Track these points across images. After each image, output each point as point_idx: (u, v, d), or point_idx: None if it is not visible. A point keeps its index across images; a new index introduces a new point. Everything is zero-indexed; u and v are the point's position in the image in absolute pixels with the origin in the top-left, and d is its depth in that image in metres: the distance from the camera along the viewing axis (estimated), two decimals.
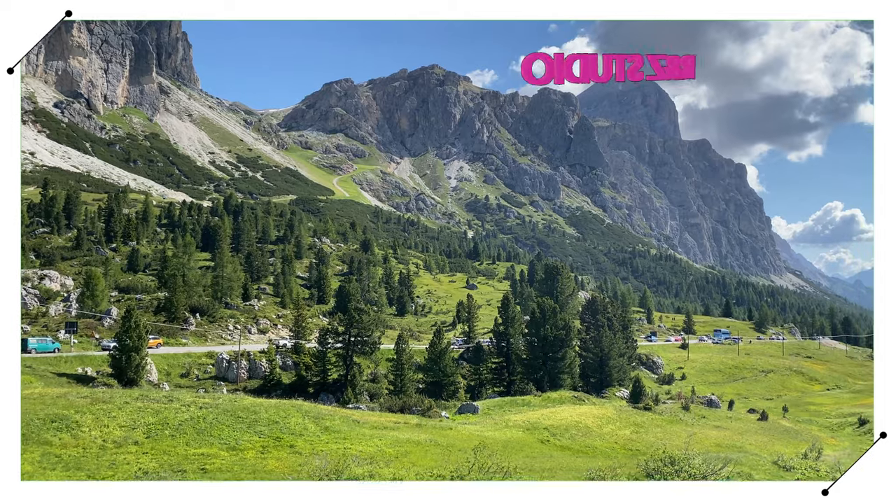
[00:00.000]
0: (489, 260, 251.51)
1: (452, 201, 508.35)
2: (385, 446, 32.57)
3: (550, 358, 77.27)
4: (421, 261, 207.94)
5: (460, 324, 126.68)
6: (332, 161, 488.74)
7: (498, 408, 55.34)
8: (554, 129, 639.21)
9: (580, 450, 39.50)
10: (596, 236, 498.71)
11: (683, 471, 31.54)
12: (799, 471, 37.92)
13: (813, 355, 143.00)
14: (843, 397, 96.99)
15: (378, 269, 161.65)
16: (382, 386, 76.05)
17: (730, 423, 58.80)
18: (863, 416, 72.07)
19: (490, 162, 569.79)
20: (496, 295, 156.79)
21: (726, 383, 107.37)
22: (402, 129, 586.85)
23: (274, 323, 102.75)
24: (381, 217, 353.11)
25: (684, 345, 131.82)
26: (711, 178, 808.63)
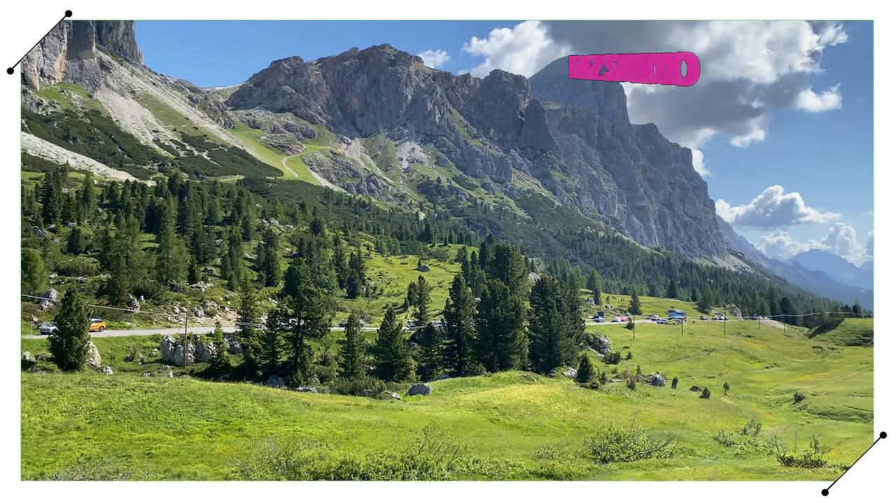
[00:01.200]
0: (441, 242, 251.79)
1: (404, 183, 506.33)
2: (335, 428, 32.54)
3: (501, 339, 78.08)
4: (372, 243, 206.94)
5: (412, 306, 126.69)
6: (280, 141, 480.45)
7: (449, 388, 55.76)
8: (505, 111, 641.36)
9: (529, 428, 40.17)
10: (546, 219, 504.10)
11: (629, 447, 32.45)
12: (738, 445, 39.41)
13: (753, 334, 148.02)
14: (780, 375, 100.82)
15: (328, 250, 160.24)
16: (333, 368, 75.73)
17: (673, 400, 60.54)
18: (798, 392, 75.21)
19: (442, 144, 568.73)
20: (448, 277, 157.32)
21: (670, 362, 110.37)
22: (353, 109, 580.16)
23: (221, 305, 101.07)
24: (331, 198, 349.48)
25: (630, 325, 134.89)
26: (658, 161, 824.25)
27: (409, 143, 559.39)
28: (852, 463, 31.85)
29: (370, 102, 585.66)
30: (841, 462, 31.57)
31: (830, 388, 79.58)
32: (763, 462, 32.70)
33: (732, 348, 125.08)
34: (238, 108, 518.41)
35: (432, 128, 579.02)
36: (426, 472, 24.24)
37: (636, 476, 26.82)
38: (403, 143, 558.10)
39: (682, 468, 29.09)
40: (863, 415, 60.70)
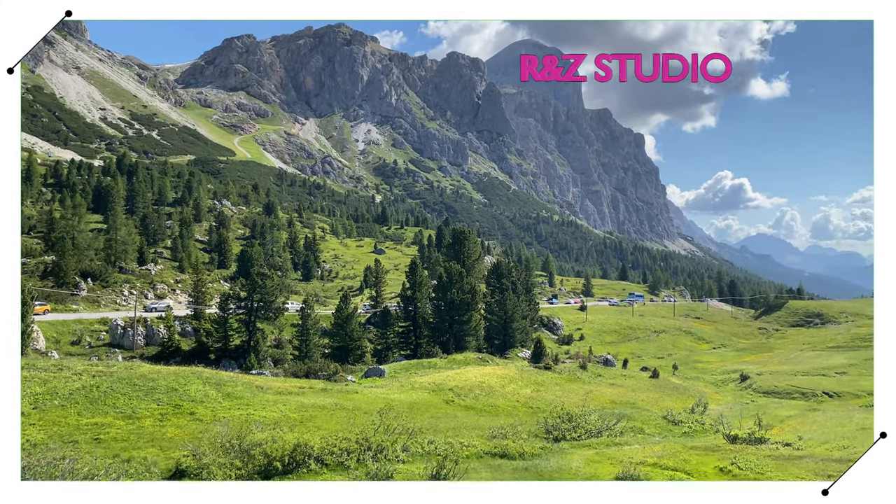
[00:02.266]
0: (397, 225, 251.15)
1: (360, 165, 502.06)
2: (289, 411, 32.33)
3: (456, 321, 78.44)
4: (327, 225, 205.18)
5: (368, 289, 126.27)
6: (233, 120, 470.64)
7: (404, 371, 55.84)
8: (462, 94, 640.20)
9: (483, 409, 40.56)
10: (502, 202, 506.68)
11: (580, 426, 33.09)
12: (686, 424, 40.53)
13: (701, 316, 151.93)
14: (727, 355, 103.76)
15: (282, 233, 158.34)
16: (287, 351, 75.12)
17: (624, 380, 61.80)
18: (744, 372, 77.51)
19: (398, 126, 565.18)
20: (404, 260, 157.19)
21: (621, 343, 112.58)
22: (308, 88, 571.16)
23: (172, 288, 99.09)
24: (285, 179, 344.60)
25: (583, 307, 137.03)
26: (612, 146, 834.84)
27: (365, 124, 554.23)
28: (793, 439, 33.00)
29: (325, 82, 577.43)
30: (783, 439, 32.78)
31: (774, 367, 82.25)
32: (710, 440, 33.72)
33: (681, 330, 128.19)
34: (189, 87, 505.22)
35: (389, 109, 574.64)
36: (381, 453, 24.34)
37: (587, 454, 27.39)
38: (359, 125, 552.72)
39: (631, 447, 29.81)
40: (804, 393, 62.96)
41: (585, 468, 24.88)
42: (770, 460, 27.20)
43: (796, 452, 29.55)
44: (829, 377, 72.16)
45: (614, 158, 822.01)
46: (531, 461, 25.72)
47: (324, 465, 22.92)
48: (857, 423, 37.00)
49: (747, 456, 27.56)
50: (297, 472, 22.16)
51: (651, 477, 23.35)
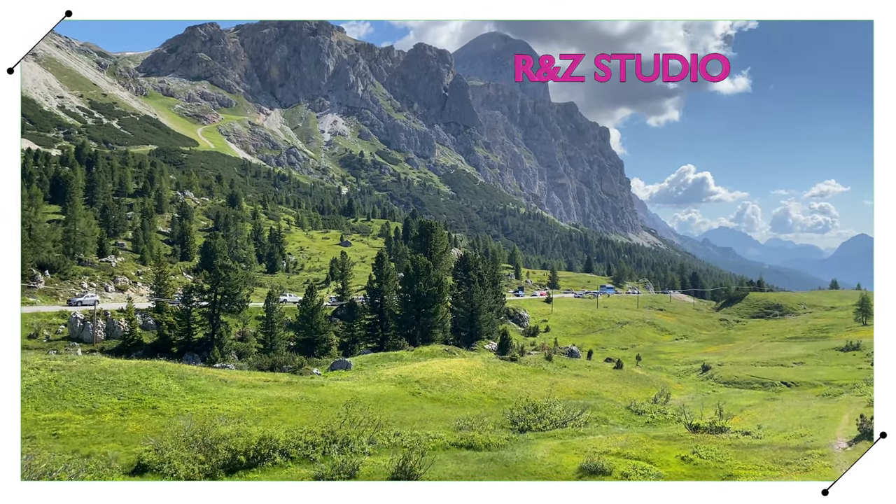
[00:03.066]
0: (364, 217, 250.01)
1: (326, 156, 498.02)
2: (254, 405, 32.03)
3: (423, 314, 78.47)
4: (293, 217, 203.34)
5: (334, 281, 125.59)
6: (196, 110, 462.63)
7: (371, 363, 55.68)
8: (429, 86, 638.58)
9: (450, 401, 40.68)
10: (469, 195, 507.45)
11: (546, 417, 33.39)
12: (649, 414, 41.14)
13: (664, 308, 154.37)
14: (689, 346, 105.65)
15: (247, 224, 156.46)
16: (252, 345, 74.38)
17: (588, 371, 62.50)
18: (705, 362, 79.04)
19: (365, 117, 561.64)
20: (371, 252, 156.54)
21: (586, 334, 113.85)
22: (273, 78, 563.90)
23: (133, 280, 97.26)
24: (249, 170, 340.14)
25: (549, 299, 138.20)
26: (578, 140, 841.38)
27: (331, 115, 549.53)
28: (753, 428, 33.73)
29: (290, 72, 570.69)
30: (743, 428, 33.51)
31: (735, 358, 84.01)
32: (672, 429, 34.30)
33: (645, 321, 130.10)
34: (150, 75, 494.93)
35: (355, 100, 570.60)
36: (347, 446, 24.27)
37: (552, 445, 27.67)
38: (325, 115, 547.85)
39: (595, 437, 30.20)
40: (763, 383, 64.45)
41: (550, 458, 25.13)
42: (730, 449, 27.79)
43: (755, 441, 30.24)
44: (788, 367, 73.97)
45: (580, 152, 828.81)
46: (497, 452, 25.89)
47: (289, 459, 22.78)
48: (814, 412, 37.98)
49: (708, 445, 28.12)
50: (261, 465, 21.99)
51: (615, 466, 23.69)
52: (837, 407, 39.91)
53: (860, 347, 79.12)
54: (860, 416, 30.12)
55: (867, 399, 41.02)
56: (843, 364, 72.98)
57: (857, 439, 28.08)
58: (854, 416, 31.98)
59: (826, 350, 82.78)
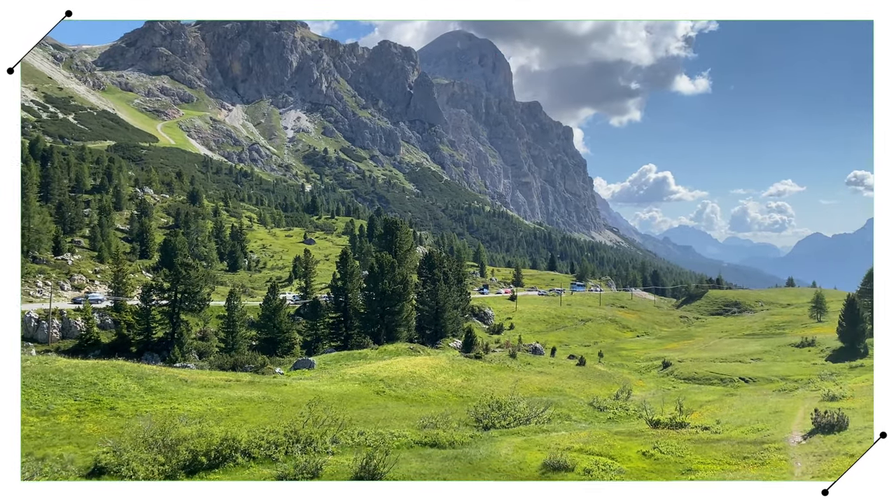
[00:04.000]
0: (328, 214, 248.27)
1: (289, 153, 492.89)
2: (215, 405, 31.59)
3: (388, 312, 78.22)
4: (255, 214, 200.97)
5: (297, 279, 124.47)
6: (155, 105, 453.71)
7: (334, 362, 55.34)
8: (394, 83, 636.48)
9: (414, 399, 40.64)
10: (434, 193, 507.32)
11: (510, 414, 33.57)
12: (611, 410, 41.66)
13: (626, 305, 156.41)
14: (650, 343, 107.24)
15: (208, 222, 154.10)
16: (213, 344, 73.34)
17: (552, 368, 63.03)
18: (666, 359, 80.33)
19: (329, 113, 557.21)
20: (335, 250, 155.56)
21: (549, 332, 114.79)
22: (235, 74, 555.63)
23: (90, 279, 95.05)
24: (210, 167, 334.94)
25: (513, 297, 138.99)
26: (542, 139, 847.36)
27: (294, 111, 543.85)
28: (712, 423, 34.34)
29: (253, 68, 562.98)
30: (702, 423, 34.13)
31: (694, 354, 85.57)
32: (633, 425, 34.78)
33: (607, 318, 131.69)
34: (108, 69, 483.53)
35: (319, 97, 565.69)
36: (310, 445, 24.08)
37: (516, 442, 27.83)
38: (288, 112, 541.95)
39: (558, 433, 30.46)
40: (722, 379, 65.79)
41: (514, 455, 25.27)
42: (690, 444, 28.29)
43: (714, 436, 30.83)
44: (746, 363, 75.60)
45: (544, 151, 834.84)
46: (461, 449, 25.94)
47: (251, 459, 22.55)
48: (771, 407, 38.88)
49: (669, 440, 28.58)
50: (223, 466, 21.71)
51: (577, 462, 23.93)
52: (793, 402, 40.92)
53: (815, 344, 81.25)
54: (815, 410, 30.91)
55: (821, 394, 42.15)
56: (798, 360, 74.89)
57: (811, 433, 28.81)
58: (809, 411, 32.81)
59: (782, 346, 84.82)
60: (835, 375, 60.66)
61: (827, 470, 22.87)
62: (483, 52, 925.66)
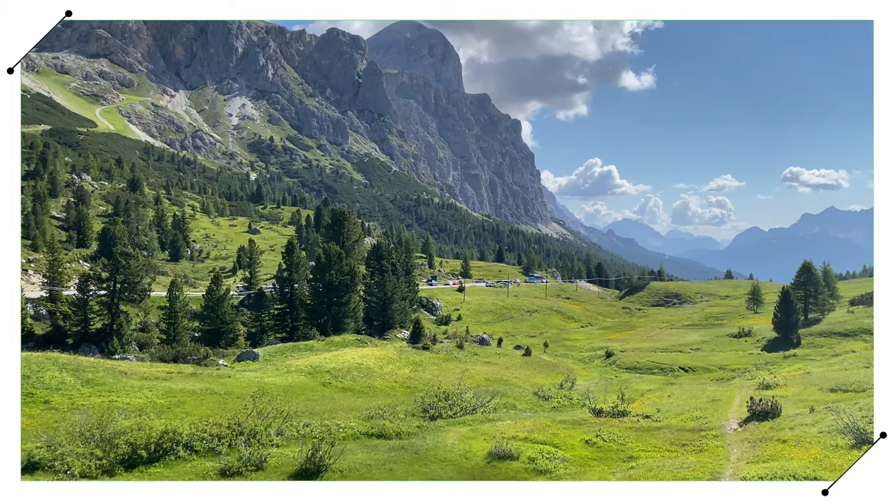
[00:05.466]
0: (273, 204, 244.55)
1: (234, 140, 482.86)
2: (156, 397, 30.87)
3: (335, 303, 77.59)
4: (198, 203, 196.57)
5: (241, 270, 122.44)
6: (94, 89, 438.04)
7: (280, 354, 54.72)
8: (343, 71, 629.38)
9: (361, 390, 40.52)
10: (383, 183, 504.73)
11: (456, 405, 33.80)
12: (555, 399, 42.35)
13: (571, 297, 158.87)
14: (594, 334, 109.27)
15: (149, 210, 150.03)
16: (154, 335, 71.54)
17: (498, 358, 63.65)
18: (609, 349, 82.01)
19: (275, 101, 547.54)
20: (280, 240, 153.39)
21: (497, 323, 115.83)
22: (178, 58, 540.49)
23: (24, 268, 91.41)
24: (152, 154, 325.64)
25: (461, 288, 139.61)
26: (490, 131, 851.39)
27: (239, 98, 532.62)
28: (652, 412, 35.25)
29: (197, 53, 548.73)
30: (643, 411, 35.01)
31: (636, 344, 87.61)
32: (577, 414, 35.44)
33: (552, 309, 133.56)
34: (43, 51, 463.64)
35: (265, 84, 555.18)
36: (254, 438, 23.79)
37: (462, 431, 28.04)
38: (233, 99, 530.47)
39: (504, 422, 30.81)
40: (662, 368, 67.57)
41: (460, 445, 25.47)
42: (631, 432, 29.00)
43: (655, 424, 31.68)
44: (685, 353, 77.79)
45: (493, 143, 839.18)
46: (408, 440, 26.01)
47: (193, 452, 22.19)
48: (709, 396, 40.13)
49: (611, 428, 29.25)
50: (164, 459, 21.29)
51: (522, 451, 24.27)
52: (730, 390, 42.33)
53: (751, 334, 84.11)
54: (750, 398, 32.08)
55: (757, 382, 43.73)
56: (735, 350, 77.44)
57: (747, 420, 29.89)
58: (745, 399, 34.02)
59: (720, 337, 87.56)
60: (769, 365, 63.03)
61: (761, 455, 23.79)
62: (433, 42, 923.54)
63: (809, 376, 43.34)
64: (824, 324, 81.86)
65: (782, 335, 77.36)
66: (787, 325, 77.19)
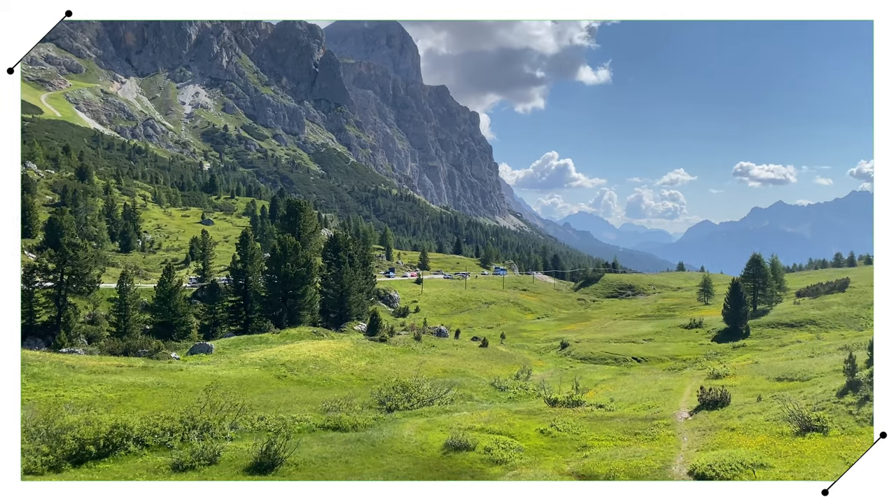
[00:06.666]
0: (228, 194, 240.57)
1: (187, 129, 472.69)
2: (105, 391, 30.14)
3: (291, 295, 76.75)
4: (150, 193, 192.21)
5: (194, 261, 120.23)
6: (39, 74, 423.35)
7: (234, 346, 53.91)
8: (299, 60, 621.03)
9: (317, 383, 40.23)
10: (340, 174, 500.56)
11: (413, 396, 33.83)
12: (511, 390, 42.71)
13: (528, 288, 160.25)
14: (550, 325, 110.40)
15: (98, 200, 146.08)
16: (103, 328, 69.79)
17: (456, 350, 63.87)
18: (564, 339, 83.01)
19: (230, 89, 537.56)
20: (235, 231, 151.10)
21: (454, 314, 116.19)
22: (128, 44, 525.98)
23: None
24: (101, 142, 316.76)
25: (419, 280, 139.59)
26: (449, 123, 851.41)
27: (192, 86, 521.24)
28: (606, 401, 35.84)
29: (148, 39, 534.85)
30: (597, 401, 35.58)
31: (591, 336, 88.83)
32: (532, 404, 35.82)
33: (509, 301, 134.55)
34: None
35: (219, 72, 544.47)
36: (207, 432, 23.46)
37: (419, 423, 28.10)
38: (186, 86, 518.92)
39: (461, 413, 30.98)
40: (616, 359, 68.69)
41: (417, 436, 25.53)
42: (585, 421, 29.47)
43: (608, 413, 32.24)
44: (638, 344, 79.19)
45: (451, 135, 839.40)
46: (364, 432, 25.97)
47: (145, 447, 21.81)
48: (661, 385, 41.00)
49: (565, 418, 29.66)
50: (114, 454, 20.85)
51: (478, 441, 24.44)
52: (681, 380, 43.34)
53: (702, 325, 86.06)
54: (700, 388, 32.89)
55: (707, 372, 44.85)
56: (687, 340, 79.15)
57: (697, 409, 30.64)
58: (695, 388, 34.87)
59: (672, 328, 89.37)
60: (719, 355, 64.65)
61: (710, 443, 24.44)
62: (391, 33, 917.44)
63: (757, 366, 44.60)
64: (772, 315, 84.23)
65: (732, 326, 79.30)
66: (737, 317, 79.15)
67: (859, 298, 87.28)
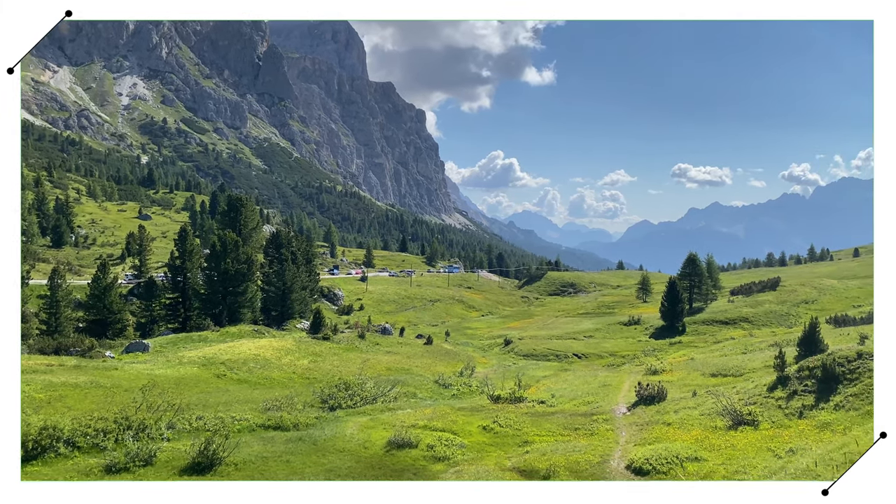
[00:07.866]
0: (166, 189, 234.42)
1: (124, 121, 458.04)
2: (34, 391, 28.98)
3: (231, 292, 75.25)
4: (84, 186, 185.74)
5: (130, 257, 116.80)
6: None
7: (172, 345, 52.57)
8: (242, 53, 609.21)
9: (258, 382, 39.61)
10: (284, 169, 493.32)
11: (357, 394, 33.64)
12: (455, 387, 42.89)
13: (472, 286, 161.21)
14: (494, 322, 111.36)
15: (28, 193, 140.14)
16: (32, 326, 67.06)
17: (400, 348, 63.77)
18: (508, 336, 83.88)
19: (169, 81, 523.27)
20: (173, 227, 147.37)
21: (399, 312, 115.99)
22: (62, 33, 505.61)
23: None
24: (32, 133, 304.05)
25: (364, 277, 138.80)
26: (395, 120, 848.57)
27: (130, 77, 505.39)
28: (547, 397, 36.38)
29: (83, 27, 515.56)
30: (539, 397, 36.07)
31: (534, 332, 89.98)
32: (476, 401, 36.06)
33: (454, 299, 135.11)
34: None
35: (158, 63, 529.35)
36: (143, 432, 22.85)
37: (362, 421, 27.97)
38: (123, 77, 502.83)
39: (404, 411, 30.96)
40: (557, 355, 69.78)
41: (359, 434, 25.41)
42: (527, 417, 29.84)
43: (549, 409, 32.73)
44: (579, 340, 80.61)
45: (397, 132, 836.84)
46: (305, 431, 25.70)
47: (76, 449, 21.09)
48: (600, 381, 41.84)
49: (508, 414, 29.97)
50: (43, 457, 20.10)
51: (422, 439, 24.48)
52: (620, 376, 44.31)
53: (640, 322, 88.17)
54: (638, 383, 33.71)
55: (644, 368, 45.98)
56: (626, 337, 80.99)
57: (635, 404, 31.40)
58: (633, 384, 35.71)
59: (612, 325, 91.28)
60: (657, 351, 66.40)
61: (647, 438, 25.08)
62: (336, 28, 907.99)
63: (693, 362, 45.96)
64: (707, 313, 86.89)
65: (669, 323, 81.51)
66: (673, 314, 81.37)
67: (789, 297, 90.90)
